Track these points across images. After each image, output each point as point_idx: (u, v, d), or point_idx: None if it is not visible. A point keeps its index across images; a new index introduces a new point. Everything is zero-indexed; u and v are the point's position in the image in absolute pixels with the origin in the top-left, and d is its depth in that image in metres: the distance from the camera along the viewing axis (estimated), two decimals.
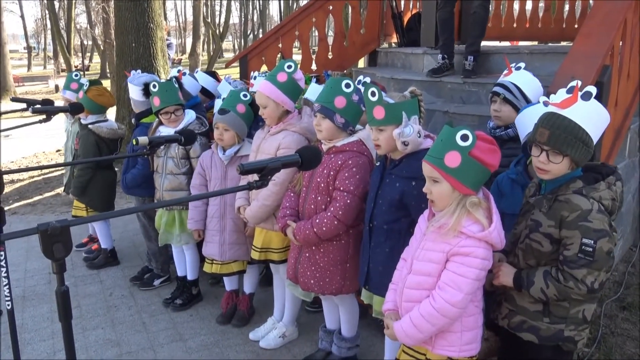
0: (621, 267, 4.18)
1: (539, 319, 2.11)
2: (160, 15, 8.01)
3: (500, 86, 2.90)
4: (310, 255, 2.82)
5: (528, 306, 2.13)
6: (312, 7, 6.05)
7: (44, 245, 1.38)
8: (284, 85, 3.00)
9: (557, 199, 2.01)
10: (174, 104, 3.58)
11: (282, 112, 3.06)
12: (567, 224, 1.96)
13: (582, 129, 1.97)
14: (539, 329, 2.12)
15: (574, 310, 2.08)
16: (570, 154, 1.97)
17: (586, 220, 1.93)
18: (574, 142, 1.96)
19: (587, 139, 1.98)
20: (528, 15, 6.84)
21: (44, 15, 45.19)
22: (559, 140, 1.96)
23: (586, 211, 1.94)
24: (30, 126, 3.26)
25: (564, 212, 1.97)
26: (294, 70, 3.03)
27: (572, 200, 1.97)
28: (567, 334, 2.10)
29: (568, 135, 1.95)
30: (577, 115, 2.01)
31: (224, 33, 35.46)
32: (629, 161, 4.13)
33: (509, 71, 2.97)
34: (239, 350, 3.34)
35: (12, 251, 4.89)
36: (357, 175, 2.65)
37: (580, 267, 1.94)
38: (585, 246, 1.92)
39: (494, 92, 2.92)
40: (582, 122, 1.98)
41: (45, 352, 3.38)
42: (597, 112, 2.11)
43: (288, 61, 3.09)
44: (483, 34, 4.75)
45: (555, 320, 2.10)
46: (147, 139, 2.50)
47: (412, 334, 2.02)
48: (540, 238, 2.05)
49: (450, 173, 1.90)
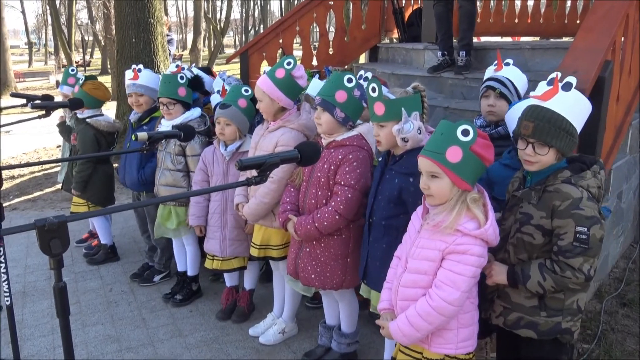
0: (621, 264, 4.18)
1: (536, 313, 2.11)
2: (160, 11, 8.00)
3: (494, 80, 2.87)
4: (310, 250, 2.81)
5: (524, 302, 2.13)
6: (313, 2, 6.03)
7: (41, 241, 1.38)
8: (280, 81, 2.97)
9: (546, 189, 2.02)
10: (167, 97, 3.58)
11: (277, 109, 3.04)
12: (559, 213, 1.97)
13: (565, 119, 1.98)
14: (537, 324, 2.11)
15: (569, 301, 2.09)
16: (555, 145, 1.99)
17: (578, 208, 1.93)
18: (558, 133, 1.97)
19: (570, 129, 1.99)
20: (530, 10, 6.82)
21: (44, 11, 45.16)
22: (543, 132, 1.98)
23: (577, 199, 1.94)
24: (30, 122, 3.26)
25: (556, 201, 1.97)
26: (292, 67, 2.99)
27: (562, 190, 1.97)
28: (565, 326, 2.10)
29: (552, 126, 1.97)
30: (559, 106, 2.02)
31: (224, 29, 35.36)
32: (630, 157, 4.12)
33: (499, 66, 2.94)
34: (239, 346, 3.34)
35: (13, 247, 4.90)
36: (358, 170, 2.64)
37: (576, 255, 1.94)
38: (579, 234, 1.93)
39: (489, 86, 2.88)
40: (565, 113, 2.00)
41: (45, 347, 3.38)
42: (578, 101, 2.11)
43: (288, 57, 3.05)
44: (472, 27, 4.71)
45: (552, 313, 2.10)
46: (146, 134, 2.49)
47: (408, 332, 2.01)
48: (531, 230, 2.05)
49: (451, 168, 1.89)
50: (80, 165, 4.37)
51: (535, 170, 2.08)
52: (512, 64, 2.96)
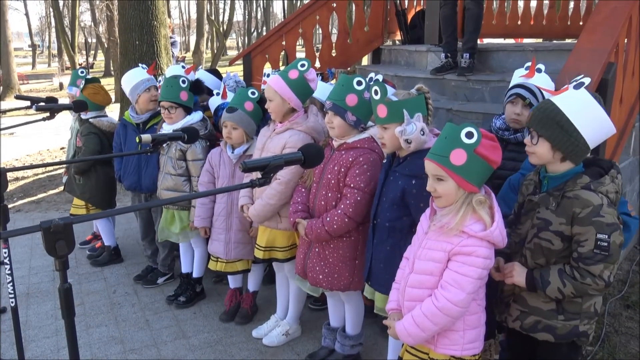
0: (625, 266, 4.17)
1: (553, 317, 2.11)
2: (164, 13, 8.02)
3: (524, 89, 2.76)
4: (319, 250, 2.82)
5: (542, 306, 2.12)
6: (316, 4, 6.03)
7: (46, 242, 1.39)
8: (293, 82, 2.99)
9: (565, 195, 2.00)
10: (168, 100, 3.59)
11: (287, 109, 3.05)
12: (579, 220, 1.95)
13: (561, 112, 1.97)
14: (555, 328, 2.11)
15: (586, 305, 2.09)
16: (544, 135, 1.99)
17: (599, 216, 1.92)
18: (549, 124, 1.98)
19: (565, 123, 1.96)
20: (533, 12, 6.81)
21: (48, 13, 45.32)
22: (536, 120, 2.02)
23: (598, 206, 1.93)
24: (34, 124, 3.27)
25: (576, 208, 1.96)
26: (306, 69, 3.00)
27: (582, 196, 1.96)
28: (582, 329, 2.11)
29: (545, 116, 1.99)
30: (563, 102, 2.01)
31: (227, 31, 35.47)
32: (633, 159, 4.12)
33: (531, 72, 2.82)
34: (242, 348, 3.34)
35: (17, 248, 4.92)
36: (368, 172, 2.64)
37: (596, 262, 1.93)
38: (600, 241, 1.92)
39: (517, 94, 2.77)
40: (566, 108, 1.98)
41: (49, 349, 3.39)
42: (584, 100, 2.02)
43: (302, 60, 3.07)
44: (478, 30, 4.71)
45: (570, 317, 2.10)
46: (150, 137, 2.50)
47: (414, 333, 2.02)
48: (550, 236, 2.04)
49: (456, 171, 1.89)
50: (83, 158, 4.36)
51: (536, 164, 2.10)
52: (543, 71, 2.84)
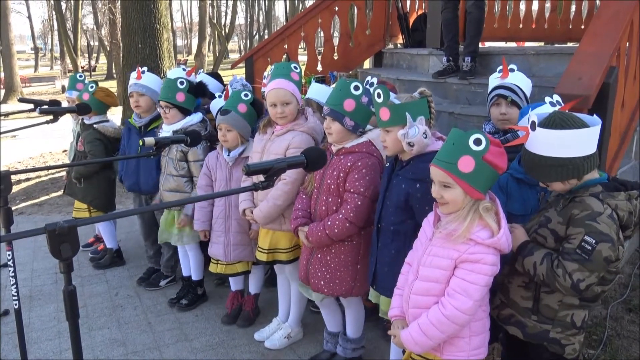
0: (627, 270, 4.16)
1: (527, 315, 2.13)
2: (166, 17, 8.05)
3: (504, 89, 2.86)
4: (321, 256, 2.82)
5: (519, 301, 2.15)
6: (318, 8, 6.05)
7: (51, 245, 1.40)
8: (298, 83, 3.09)
9: (574, 199, 2.01)
10: (164, 101, 3.62)
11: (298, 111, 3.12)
12: (574, 222, 1.96)
13: (538, 156, 2.00)
14: (525, 325, 2.13)
15: (562, 313, 2.08)
16: (550, 180, 2.03)
17: (593, 221, 1.92)
18: (542, 171, 2.02)
19: (551, 161, 1.97)
20: (534, 16, 6.82)
21: (50, 16, 45.49)
22: (536, 176, 2.07)
23: (596, 212, 1.93)
24: (37, 127, 3.29)
25: (575, 210, 1.97)
26: (300, 70, 3.12)
27: (585, 201, 1.97)
28: (553, 336, 2.09)
29: (532, 167, 2.06)
30: (534, 146, 2.02)
31: (229, 34, 35.54)
32: (635, 163, 4.12)
33: (504, 73, 2.92)
34: (244, 351, 3.34)
35: (19, 251, 4.92)
36: (367, 177, 2.65)
37: (573, 260, 1.92)
38: (585, 243, 1.91)
39: (500, 94, 2.87)
40: (540, 150, 1.99)
41: (52, 351, 3.40)
42: (548, 136, 1.97)
43: (292, 63, 3.18)
44: (479, 33, 4.73)
45: (543, 320, 2.10)
46: (153, 140, 2.52)
47: (421, 341, 2.00)
48: (546, 233, 2.06)
49: (464, 178, 1.88)
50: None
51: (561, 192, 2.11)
52: (516, 70, 2.96)
